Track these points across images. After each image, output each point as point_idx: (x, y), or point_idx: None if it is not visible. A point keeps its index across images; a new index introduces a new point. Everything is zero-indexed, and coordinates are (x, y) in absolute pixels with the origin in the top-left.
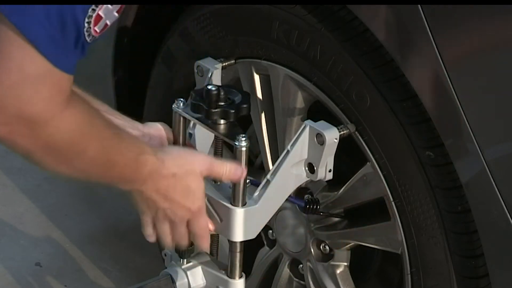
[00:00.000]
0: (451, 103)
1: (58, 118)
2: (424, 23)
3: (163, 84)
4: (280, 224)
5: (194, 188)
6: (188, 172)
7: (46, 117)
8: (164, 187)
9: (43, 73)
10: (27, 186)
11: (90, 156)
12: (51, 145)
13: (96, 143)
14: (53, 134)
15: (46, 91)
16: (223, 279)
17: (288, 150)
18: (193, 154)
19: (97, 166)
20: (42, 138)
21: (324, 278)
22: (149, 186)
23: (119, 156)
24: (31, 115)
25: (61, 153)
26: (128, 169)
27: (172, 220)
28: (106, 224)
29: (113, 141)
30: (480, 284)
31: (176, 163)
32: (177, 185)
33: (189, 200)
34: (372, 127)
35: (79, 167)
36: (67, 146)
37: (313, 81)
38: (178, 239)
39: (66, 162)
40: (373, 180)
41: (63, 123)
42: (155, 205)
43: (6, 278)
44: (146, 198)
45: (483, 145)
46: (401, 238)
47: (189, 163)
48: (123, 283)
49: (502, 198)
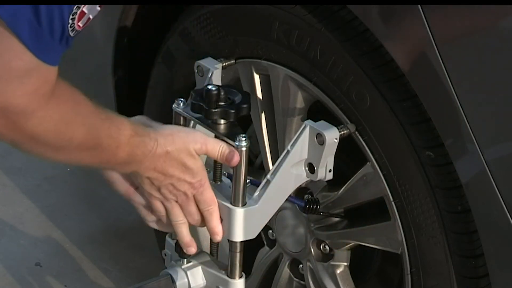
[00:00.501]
0: (451, 103)
1: (43, 109)
2: (425, 24)
3: (163, 84)
4: (280, 224)
5: (190, 165)
6: (181, 149)
7: (31, 109)
8: (160, 165)
9: (29, 67)
10: (27, 186)
11: (77, 143)
12: (37, 136)
13: (82, 129)
14: (38, 125)
15: (31, 84)
16: (223, 279)
17: (288, 150)
18: (186, 132)
19: (86, 151)
20: (28, 130)
21: (324, 278)
22: (146, 166)
23: (109, 139)
24: (16, 108)
25: (48, 143)
26: (121, 152)
27: (177, 197)
28: (106, 224)
29: (102, 126)
30: (480, 284)
31: (168, 140)
32: (172, 161)
33: (188, 175)
34: (372, 127)
35: (69, 154)
36: (54, 135)
37: (313, 81)
38: (189, 218)
39: (54, 150)
40: (373, 180)
41: (48, 113)
42: (157, 184)
43: (6, 278)
44: (146, 178)
45: (483, 145)
46: (401, 238)
47: (182, 141)
48: (123, 283)
49: (502, 198)
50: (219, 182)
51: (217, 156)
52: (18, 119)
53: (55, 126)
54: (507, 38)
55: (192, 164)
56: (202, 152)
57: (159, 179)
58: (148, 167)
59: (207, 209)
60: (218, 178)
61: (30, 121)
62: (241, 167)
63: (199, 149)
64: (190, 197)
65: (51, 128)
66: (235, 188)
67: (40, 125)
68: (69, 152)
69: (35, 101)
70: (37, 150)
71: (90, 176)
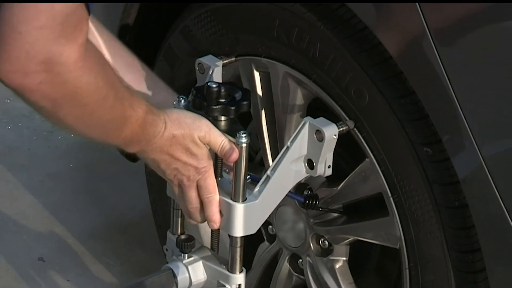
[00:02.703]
0: (448, 100)
1: (83, 60)
2: (423, 22)
3: (165, 81)
4: (280, 220)
5: (194, 151)
6: (186, 135)
7: (74, 58)
8: (166, 147)
9: (71, 11)
10: (30, 183)
11: (109, 106)
12: (79, 90)
13: (113, 91)
14: (80, 76)
15: (71, 31)
16: (224, 273)
17: (288, 147)
18: (192, 118)
19: (113, 120)
20: (71, 82)
21: (324, 272)
22: (153, 147)
23: (131, 110)
24: (60, 57)
25: (86, 101)
26: (137, 127)
27: (180, 181)
28: (108, 220)
29: (125, 93)
30: (477, 279)
31: (175, 124)
32: (178, 145)
33: (193, 160)
34: (370, 123)
35: (98, 120)
36: (93, 89)
37: (312, 78)
38: (188, 204)
39: (88, 113)
40: (371, 176)
41: (87, 64)
42: (163, 167)
43: (9, 273)
44: (152, 159)
45: (480, 141)
46: (399, 233)
47: (187, 127)
48: (125, 278)
49: (499, 194)
50: (220, 178)
51: (217, 149)
52: (62, 71)
53: (95, 79)
54: (504, 35)
55: (197, 151)
56: (205, 141)
57: (166, 161)
58: (156, 148)
59: (207, 196)
60: (219, 174)
61: (73, 73)
62: (242, 163)
63: (203, 137)
64: (193, 182)
65: (92, 80)
66: (235, 183)
67: (82, 77)
68: (100, 116)
69: (77, 49)
70: (73, 112)
71: (92, 172)
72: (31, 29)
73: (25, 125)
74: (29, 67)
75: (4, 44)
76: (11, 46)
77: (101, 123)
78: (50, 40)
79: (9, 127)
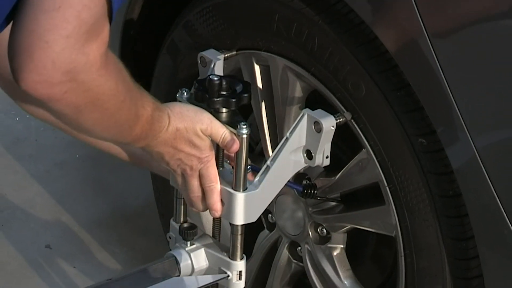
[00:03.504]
0: (443, 93)
1: (104, 67)
2: (418, 16)
3: (168, 74)
4: (279, 208)
5: (197, 143)
6: (188, 128)
7: (96, 66)
8: (171, 140)
9: (95, 20)
10: (38, 173)
11: (126, 108)
12: (99, 97)
13: (129, 94)
14: (104, 83)
15: (95, 39)
16: (225, 260)
17: (287, 137)
18: (194, 111)
19: (128, 121)
20: (93, 90)
21: (322, 259)
22: (158, 140)
23: (142, 110)
24: (84, 65)
25: (106, 106)
26: (146, 124)
27: (183, 170)
28: (113, 209)
29: (138, 94)
30: (470, 265)
31: (178, 118)
32: (181, 138)
33: (196, 150)
34: (367, 115)
35: (115, 123)
36: (112, 96)
37: (311, 71)
38: (190, 193)
39: (107, 117)
40: (368, 166)
41: (108, 71)
42: (167, 158)
43: (17, 260)
44: (157, 152)
45: (474, 132)
46: (395, 222)
47: (190, 120)
48: (129, 265)
49: (492, 183)
50: (221, 168)
51: (219, 140)
52: (86, 79)
53: (116, 84)
54: (497, 29)
55: (199, 142)
56: (207, 133)
57: (170, 153)
58: (160, 142)
59: (209, 185)
60: (220, 164)
61: (97, 80)
62: (242, 154)
63: (205, 130)
64: (196, 172)
65: (112, 85)
66: (236, 173)
67: (105, 84)
68: (119, 118)
69: (99, 57)
70: (93, 116)
71: (98, 162)
72: (58, 38)
73: (32, 117)
74: (55, 77)
75: (30, 54)
76: (38, 55)
77: (117, 124)
78: (75, 49)
79: (17, 119)
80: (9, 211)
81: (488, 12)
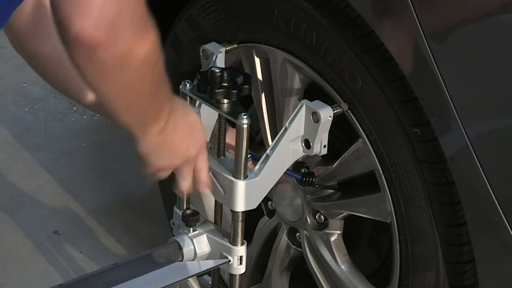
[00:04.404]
0: (436, 84)
1: (152, 31)
2: (412, 10)
3: (171, 66)
4: (278, 196)
5: (194, 134)
6: (184, 121)
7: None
8: (170, 128)
9: None
10: (46, 161)
11: (159, 73)
12: (148, 58)
13: (160, 61)
14: (152, 49)
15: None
16: (226, 246)
17: (286, 127)
18: (190, 125)
19: (152, 94)
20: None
21: (320, 245)
22: (164, 128)
23: (162, 87)
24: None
25: (146, 70)
26: (159, 105)
27: (186, 156)
28: (118, 196)
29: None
30: (463, 251)
31: (175, 113)
32: (179, 127)
33: (194, 138)
34: (363, 106)
35: (145, 89)
36: (154, 59)
37: (309, 63)
38: (184, 177)
39: (141, 78)
40: (364, 154)
41: (153, 37)
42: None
43: (26, 245)
44: (160, 141)
45: (466, 122)
46: (390, 208)
47: (186, 116)
48: (134, 250)
49: (483, 171)
50: (223, 157)
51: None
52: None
53: (155, 49)
54: (489, 22)
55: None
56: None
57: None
58: (165, 130)
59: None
60: (221, 153)
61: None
62: (243, 143)
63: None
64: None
65: (157, 52)
66: (237, 162)
67: (154, 50)
68: (148, 85)
69: (149, 21)
70: (132, 73)
71: (104, 151)
72: None
73: (41, 108)
74: (106, 19)
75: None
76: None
77: (145, 92)
78: None
79: (26, 109)
80: (18, 198)
81: (481, 5)
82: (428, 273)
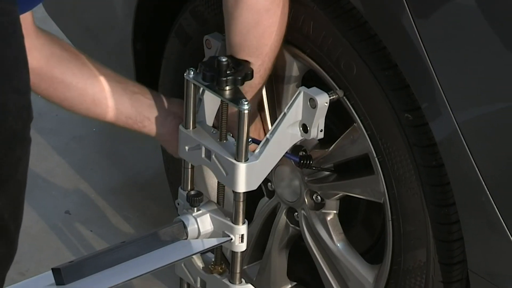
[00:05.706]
0: (427, 72)
1: None
2: (403, 2)
3: (176, 55)
4: (278, 177)
5: None
6: None
7: None
8: None
9: None
10: (57, 144)
11: None
12: None
13: None
14: None
15: None
16: (228, 225)
17: (285, 113)
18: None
19: None
20: None
21: (317, 224)
22: None
23: None
24: None
25: None
26: None
27: None
28: (126, 177)
29: None
30: (452, 230)
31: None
32: None
33: None
34: (358, 92)
35: None
36: None
37: (306, 52)
38: None
39: None
40: (359, 139)
41: None
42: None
43: (39, 224)
44: None
45: (455, 108)
46: (383, 190)
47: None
48: (141, 229)
49: (471, 154)
50: (225, 141)
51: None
52: None
53: None
54: (478, 10)
55: None
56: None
57: None
58: None
59: None
60: (223, 137)
61: None
62: (244, 128)
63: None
64: None
65: None
66: (238, 145)
67: None
68: None
69: None
70: None
71: (113, 135)
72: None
73: None
74: None
75: None
76: None
77: None
78: None
79: (39, 96)
80: (31, 180)
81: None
82: (419, 250)
